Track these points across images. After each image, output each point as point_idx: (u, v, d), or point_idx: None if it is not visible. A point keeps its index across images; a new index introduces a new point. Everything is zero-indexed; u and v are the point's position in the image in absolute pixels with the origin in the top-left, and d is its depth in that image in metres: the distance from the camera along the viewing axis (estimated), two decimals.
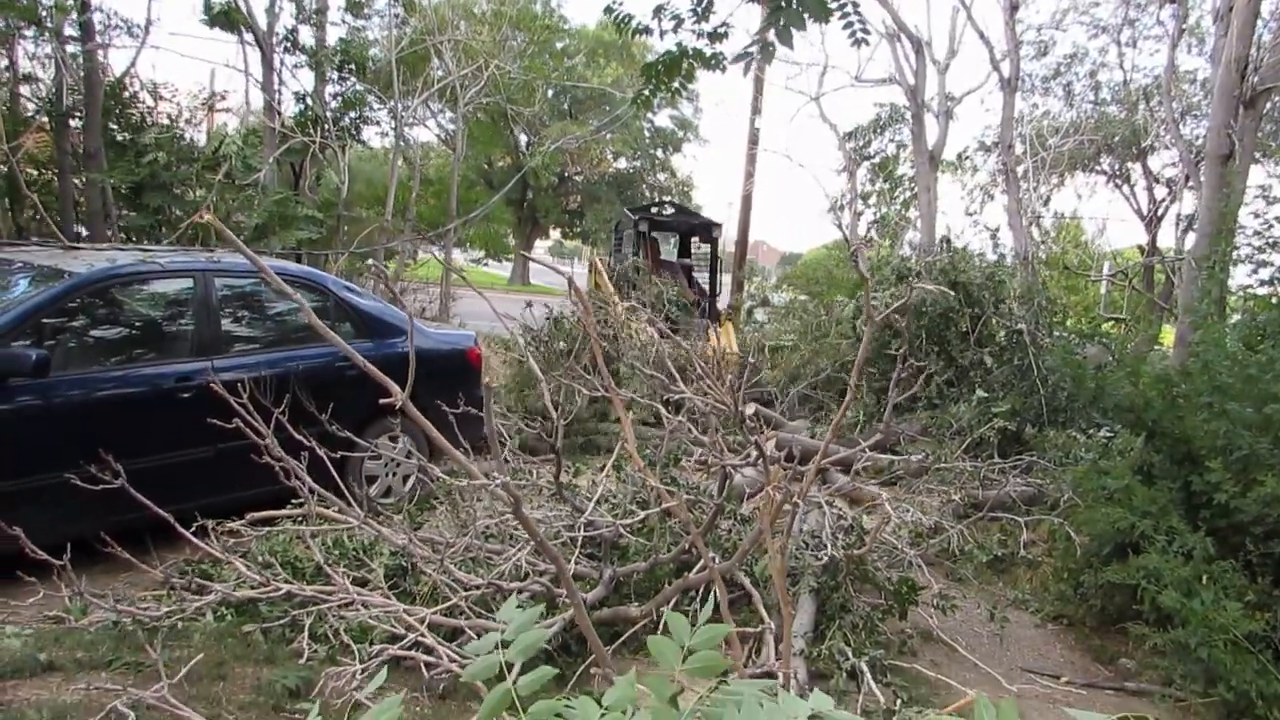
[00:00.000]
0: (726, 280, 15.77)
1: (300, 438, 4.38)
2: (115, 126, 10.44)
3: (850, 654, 4.44)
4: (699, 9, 5.55)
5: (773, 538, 2.85)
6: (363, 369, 2.51)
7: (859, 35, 5.05)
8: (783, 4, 3.73)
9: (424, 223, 14.34)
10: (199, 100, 10.66)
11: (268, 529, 5.19)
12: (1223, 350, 5.39)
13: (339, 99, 12.27)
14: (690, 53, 5.48)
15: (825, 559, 4.83)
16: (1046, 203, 19.16)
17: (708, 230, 12.82)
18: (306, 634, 4.22)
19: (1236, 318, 7.19)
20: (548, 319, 8.54)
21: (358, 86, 12.52)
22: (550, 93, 19.20)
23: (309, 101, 11.76)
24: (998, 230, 13.66)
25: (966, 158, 19.56)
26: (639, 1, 5.63)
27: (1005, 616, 5.39)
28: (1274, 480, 4.64)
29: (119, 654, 3.98)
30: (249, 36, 10.76)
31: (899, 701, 4.24)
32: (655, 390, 6.13)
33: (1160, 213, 19.51)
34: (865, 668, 4.31)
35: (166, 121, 10.64)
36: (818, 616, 4.82)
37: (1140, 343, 9.92)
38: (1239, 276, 9.54)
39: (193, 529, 4.27)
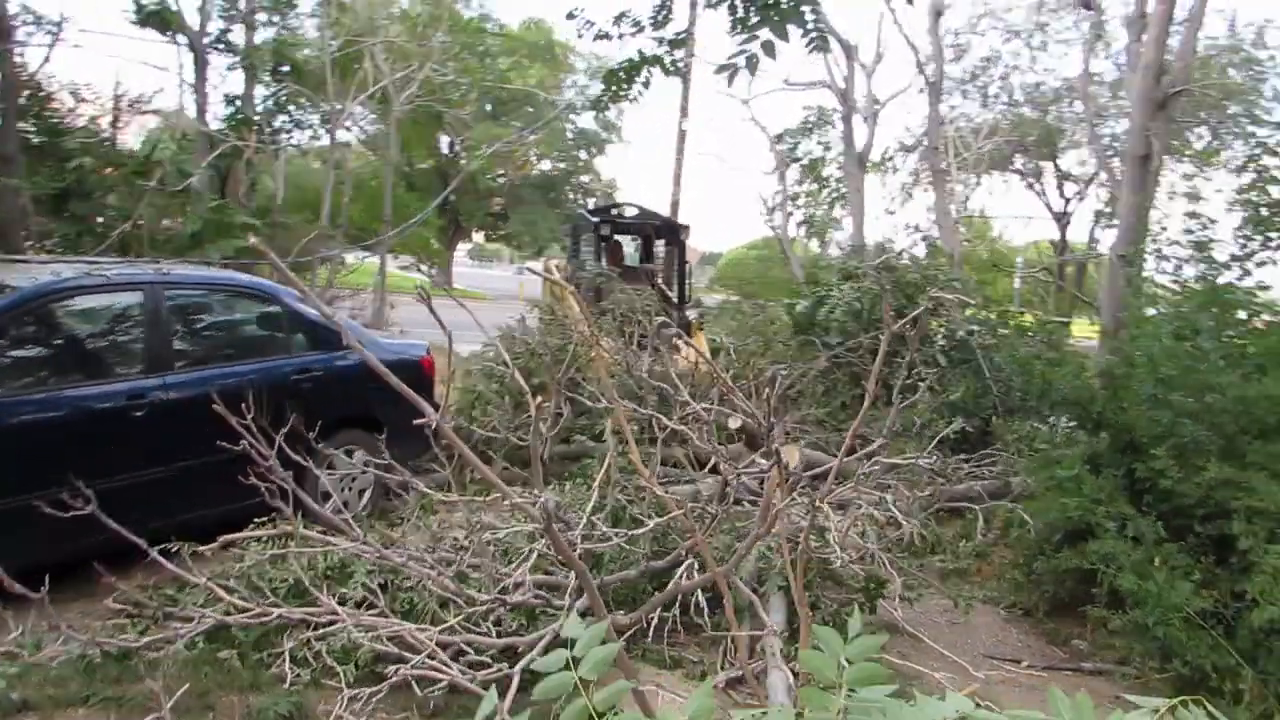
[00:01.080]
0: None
1: (263, 452, 4.26)
2: (32, 129, 10.05)
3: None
4: (658, 16, 5.65)
5: (789, 543, 2.93)
6: (401, 391, 2.52)
7: (818, 45, 5.20)
8: (771, 15, 3.83)
9: (354, 227, 14.10)
10: (124, 102, 10.30)
11: (235, 550, 5.04)
12: (1162, 344, 5.67)
13: (271, 101, 12.02)
14: (650, 59, 5.56)
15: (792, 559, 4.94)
16: (966, 202, 19.79)
17: (674, 232, 11.88)
18: (288, 658, 4.12)
19: (1152, 311, 7.55)
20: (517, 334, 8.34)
21: (288, 89, 12.27)
22: (474, 94, 19.01)
23: (239, 104, 11.49)
24: (916, 227, 14.03)
25: (889, 158, 20.12)
26: (596, 7, 5.69)
27: (970, 605, 5.57)
28: (1215, 465, 4.91)
29: (92, 689, 3.86)
30: (180, 37, 10.48)
31: None
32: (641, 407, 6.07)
33: (1071, 210, 20.34)
34: (846, 661, 4.43)
35: (89, 124, 10.27)
36: (789, 615, 4.94)
37: (1058, 335, 10.29)
38: (1154, 270, 10.02)
39: (159, 551, 4.14)
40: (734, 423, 4.95)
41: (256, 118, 11.66)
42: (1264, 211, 7.51)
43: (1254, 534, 4.61)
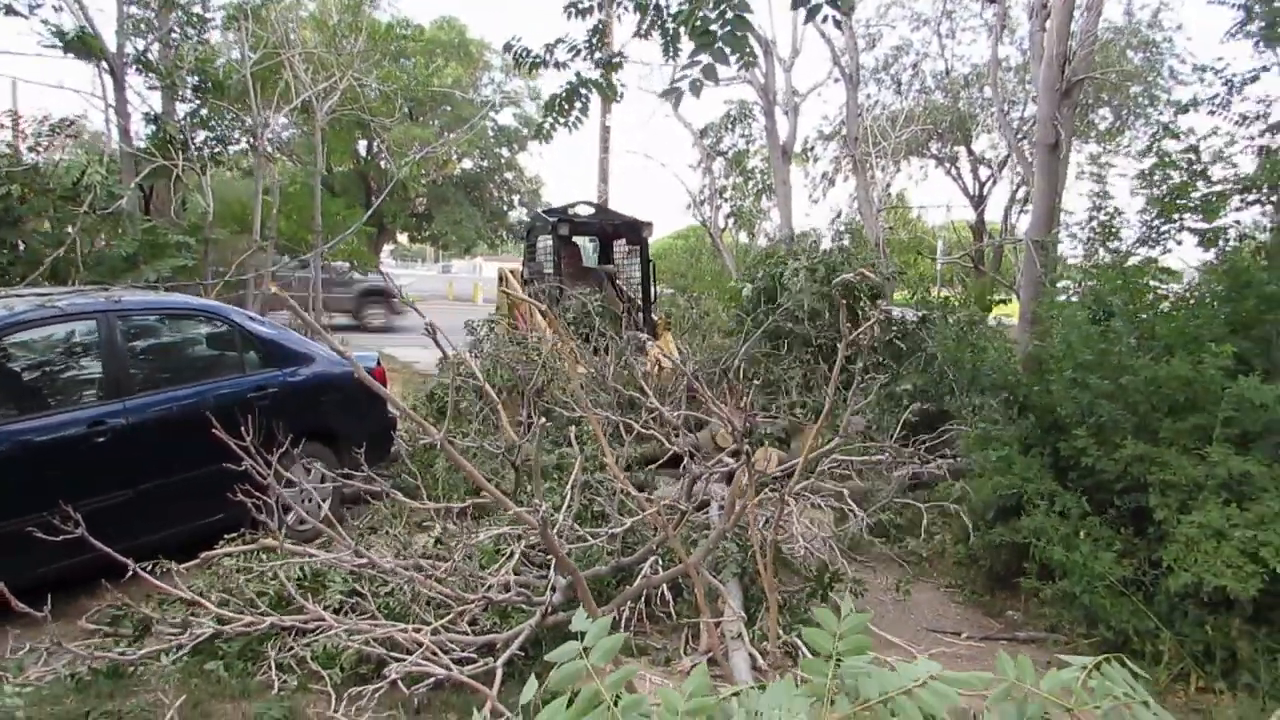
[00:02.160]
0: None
1: (253, 469, 4.42)
2: None
3: (781, 632, 4.85)
4: (593, 41, 5.84)
5: (759, 534, 3.18)
6: (405, 412, 2.68)
7: (748, 62, 5.46)
8: (710, 42, 4.04)
9: (284, 238, 14.00)
10: (45, 126, 10.10)
11: (211, 566, 5.16)
12: (1080, 330, 6.07)
13: (194, 118, 11.88)
14: (588, 83, 5.74)
15: (748, 547, 5.21)
16: (888, 188, 20.35)
17: (635, 230, 11.29)
18: (273, 665, 4.30)
19: (1065, 295, 7.97)
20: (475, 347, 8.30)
21: (207, 106, 12.13)
22: (399, 101, 18.89)
23: (159, 122, 11.35)
24: (839, 215, 14.37)
25: (810, 148, 20.57)
26: (547, 33, 5.85)
27: (908, 590, 5.96)
28: (1131, 443, 5.32)
29: (89, 705, 3.98)
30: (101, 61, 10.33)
31: None
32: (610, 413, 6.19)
33: (985, 192, 21.06)
34: (801, 641, 4.73)
35: (7, 150, 10.07)
36: (745, 601, 5.22)
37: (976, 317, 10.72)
38: (1066, 252, 10.55)
39: (137, 569, 4.26)
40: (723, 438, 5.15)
41: (180, 135, 11.52)
42: (1165, 195, 7.99)
43: (1168, 506, 5.02)
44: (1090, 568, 5.11)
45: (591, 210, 11.57)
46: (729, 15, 3.93)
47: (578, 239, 11.74)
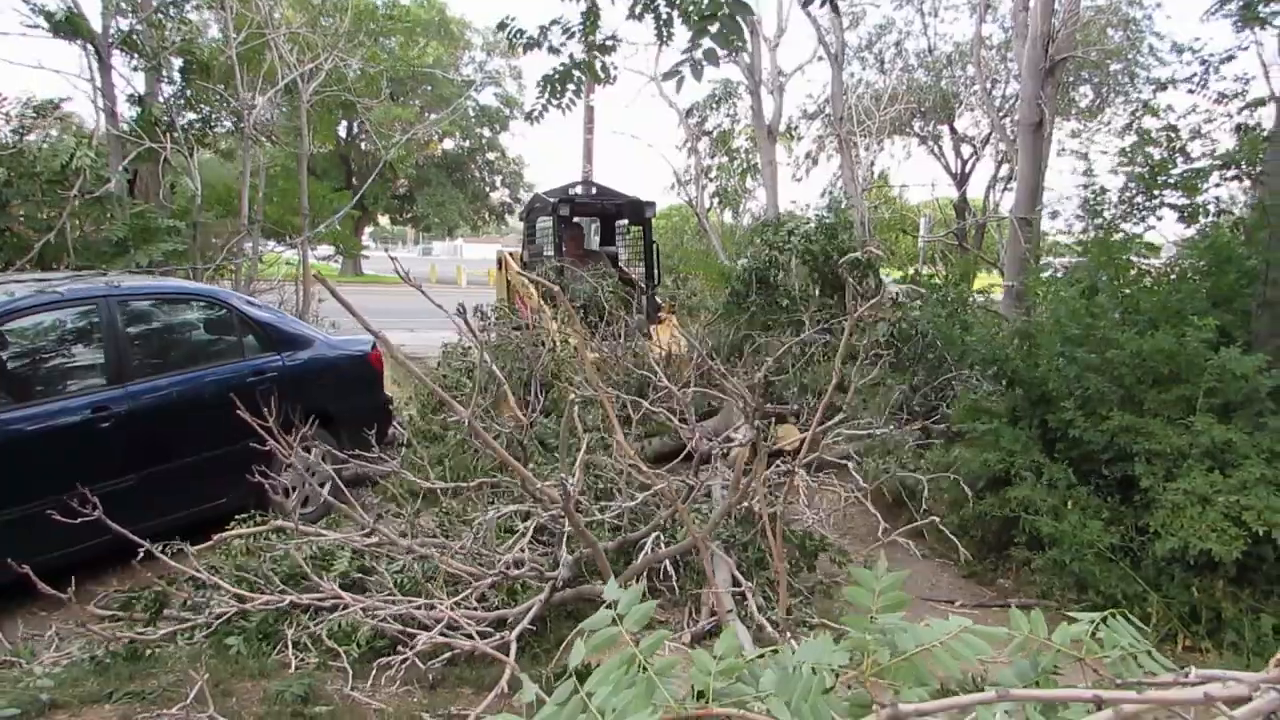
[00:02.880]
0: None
1: (279, 450, 4.50)
2: None
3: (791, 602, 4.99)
4: (586, 23, 5.89)
5: (769, 511, 3.30)
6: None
7: (738, 47, 5.55)
8: (708, 27, 4.13)
9: (270, 221, 13.96)
10: (30, 109, 10.03)
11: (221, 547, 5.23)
12: (1067, 305, 6.22)
13: (181, 99, 11.82)
14: (580, 64, 5.81)
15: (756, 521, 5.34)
16: (871, 167, 20.47)
17: (637, 211, 10.88)
18: (290, 644, 4.39)
19: (1050, 271, 8.12)
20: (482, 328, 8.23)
21: (193, 88, 12.07)
22: (384, 81, 18.83)
23: (144, 104, 11.29)
24: (824, 192, 14.40)
25: (794, 127, 20.64)
26: (528, 13, 5.90)
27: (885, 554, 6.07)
28: (1117, 414, 5.48)
29: (112, 686, 4.05)
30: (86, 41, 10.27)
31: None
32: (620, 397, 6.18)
33: (968, 170, 21.22)
34: (811, 611, 4.88)
35: None
36: (750, 573, 5.35)
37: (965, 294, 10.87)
38: (1049, 227, 10.74)
39: (156, 551, 4.34)
40: (742, 435, 5.21)
41: (165, 117, 11.46)
42: (1146, 172, 8.16)
43: (1153, 474, 5.20)
44: (1079, 536, 5.28)
45: (593, 190, 11.21)
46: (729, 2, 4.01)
47: (580, 220, 11.40)
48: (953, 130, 21.17)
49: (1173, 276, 6.75)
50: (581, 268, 9.72)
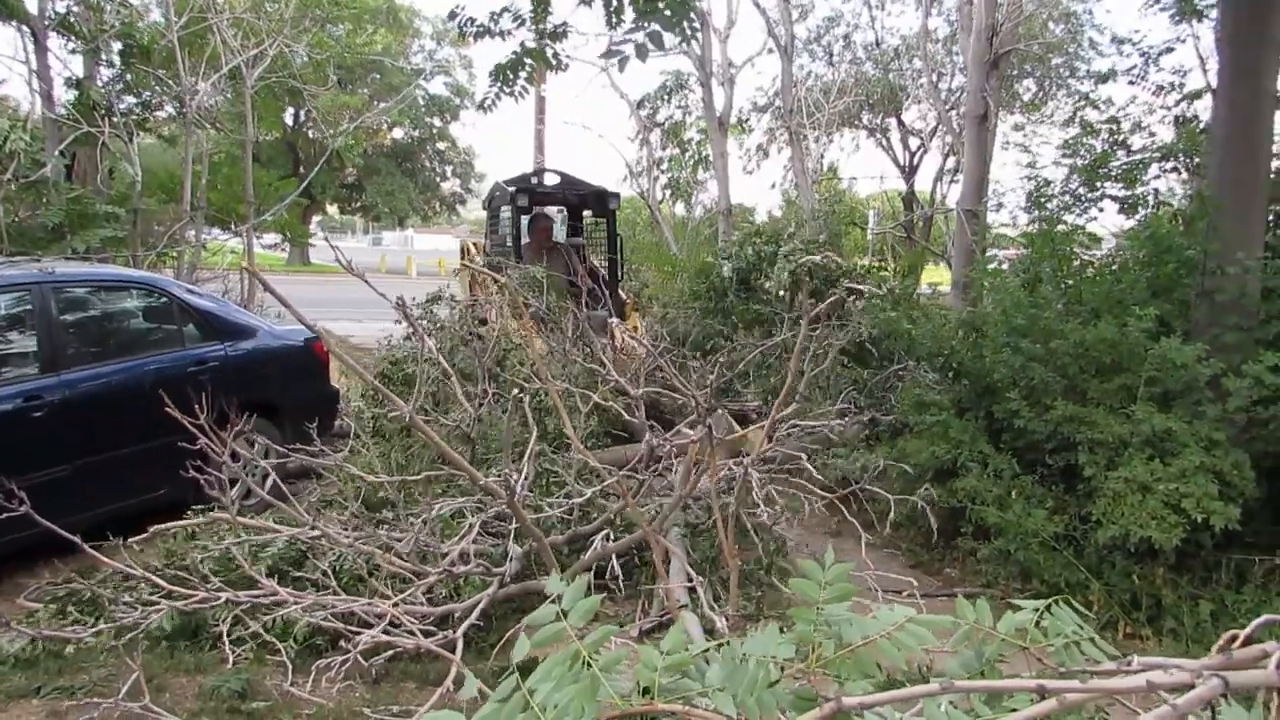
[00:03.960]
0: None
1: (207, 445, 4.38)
2: None
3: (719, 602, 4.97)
4: (536, 10, 5.83)
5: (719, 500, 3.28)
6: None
7: (690, 34, 5.53)
8: (659, 10, 4.10)
9: (214, 209, 13.66)
10: None
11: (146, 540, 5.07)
12: (1012, 296, 6.29)
13: (120, 84, 11.53)
14: (532, 52, 5.75)
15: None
16: (822, 159, 20.59)
17: (601, 201, 10.43)
18: (226, 639, 4.28)
19: (996, 262, 8.21)
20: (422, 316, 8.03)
21: (132, 72, 11.77)
22: (329, 69, 18.52)
23: (82, 87, 10.98)
24: (769, 184, 14.37)
25: (745, 119, 20.68)
26: (477, 2, 5.83)
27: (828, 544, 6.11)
28: (1061, 404, 5.56)
29: (38, 681, 3.97)
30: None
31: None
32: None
33: (916, 163, 21.43)
34: (759, 607, 4.88)
35: None
36: (702, 568, 5.33)
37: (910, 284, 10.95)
38: (994, 219, 10.88)
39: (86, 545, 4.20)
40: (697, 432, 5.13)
41: (104, 101, 11.17)
42: (1088, 164, 8.28)
43: (1096, 463, 5.28)
44: (1023, 525, 5.35)
45: (557, 180, 10.72)
46: None
47: (550, 210, 11.05)
48: (900, 123, 21.37)
49: (1114, 267, 6.86)
50: (546, 260, 9.43)
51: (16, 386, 5.36)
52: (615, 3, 5.74)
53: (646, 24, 4.19)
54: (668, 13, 4.05)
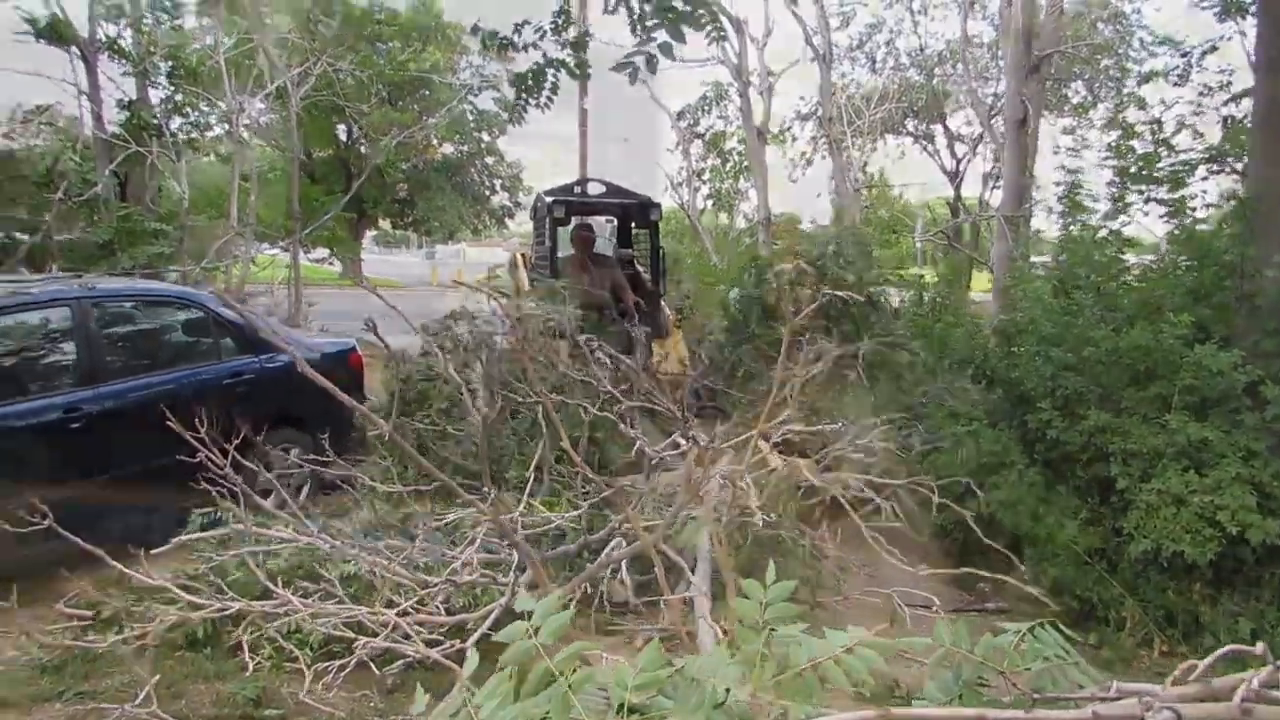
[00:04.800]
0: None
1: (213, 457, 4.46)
2: None
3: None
4: (559, 21, 5.87)
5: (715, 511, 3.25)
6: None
7: (717, 37, 5.53)
8: (667, 16, 4.10)
9: (262, 224, 13.96)
10: (20, 115, 10.13)
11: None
12: (1043, 304, 6.15)
13: (169, 104, 11.87)
14: (555, 63, 5.79)
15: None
16: (864, 168, 20.42)
17: (644, 211, 10.05)
18: (246, 647, 4.33)
19: (1036, 259, 8.04)
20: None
21: (181, 92, 12.10)
22: (374, 87, 18.79)
23: (133, 108, 11.31)
24: (814, 193, 14.31)
25: (787, 128, 20.60)
26: (500, 15, 5.88)
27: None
28: (1095, 413, 5.41)
29: (64, 685, 4.06)
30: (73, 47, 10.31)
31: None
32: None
33: (962, 169, 21.16)
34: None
35: None
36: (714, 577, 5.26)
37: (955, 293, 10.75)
38: (1039, 225, 10.70)
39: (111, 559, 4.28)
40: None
41: (154, 121, 11.48)
42: (1131, 167, 8.07)
43: (1129, 474, 5.12)
44: (1056, 538, 5.21)
45: (601, 189, 10.26)
46: None
47: (598, 220, 10.70)
48: (946, 129, 21.12)
49: (1154, 272, 6.69)
50: (588, 272, 9.16)
51: (56, 398, 5.48)
52: (639, 13, 5.77)
53: (655, 35, 4.18)
54: (678, 20, 4.04)
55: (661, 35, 4.28)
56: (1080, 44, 14.77)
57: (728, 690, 1.49)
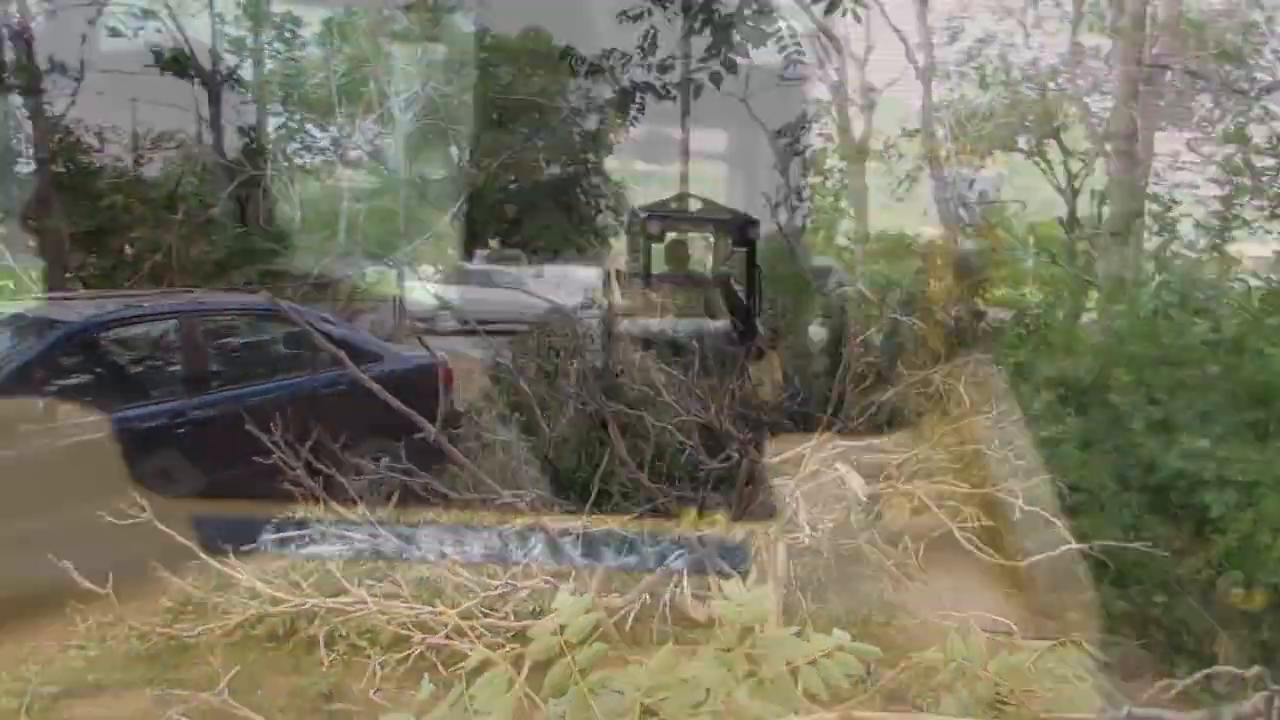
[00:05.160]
0: None
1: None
2: (63, 171, 10.63)
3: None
4: (645, 46, 6.02)
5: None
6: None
7: (794, 57, 5.58)
8: (733, 35, 4.19)
9: (371, 243, 14.50)
10: (146, 140, 10.87)
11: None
12: (1138, 321, 5.93)
13: (284, 130, 12.51)
14: (642, 86, 5.95)
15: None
16: (971, 185, 19.92)
17: (741, 230, 9.72)
18: (322, 642, 4.53)
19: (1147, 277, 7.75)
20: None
21: (298, 116, 12.73)
22: (478, 110, 19.33)
23: (253, 134, 11.97)
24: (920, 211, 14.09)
25: (892, 145, 20.26)
26: (589, 40, 6.07)
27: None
28: (1189, 438, 5.18)
29: (154, 672, 4.36)
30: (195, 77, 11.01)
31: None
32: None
33: (1077, 186, 20.38)
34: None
35: (115, 163, 10.84)
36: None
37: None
38: (1153, 242, 10.25)
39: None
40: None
41: (270, 146, 12.12)
42: (1248, 181, 7.73)
43: (1225, 502, 4.88)
44: (1146, 568, 5.00)
45: (698, 205, 10.07)
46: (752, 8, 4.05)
47: (681, 237, 10.30)
48: (1060, 144, 20.43)
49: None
50: (682, 290, 9.16)
51: (164, 405, 5.87)
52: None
53: (719, 51, 4.28)
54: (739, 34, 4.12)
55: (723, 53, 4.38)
56: (1201, 54, 14.15)
57: (708, 691, 1.52)
